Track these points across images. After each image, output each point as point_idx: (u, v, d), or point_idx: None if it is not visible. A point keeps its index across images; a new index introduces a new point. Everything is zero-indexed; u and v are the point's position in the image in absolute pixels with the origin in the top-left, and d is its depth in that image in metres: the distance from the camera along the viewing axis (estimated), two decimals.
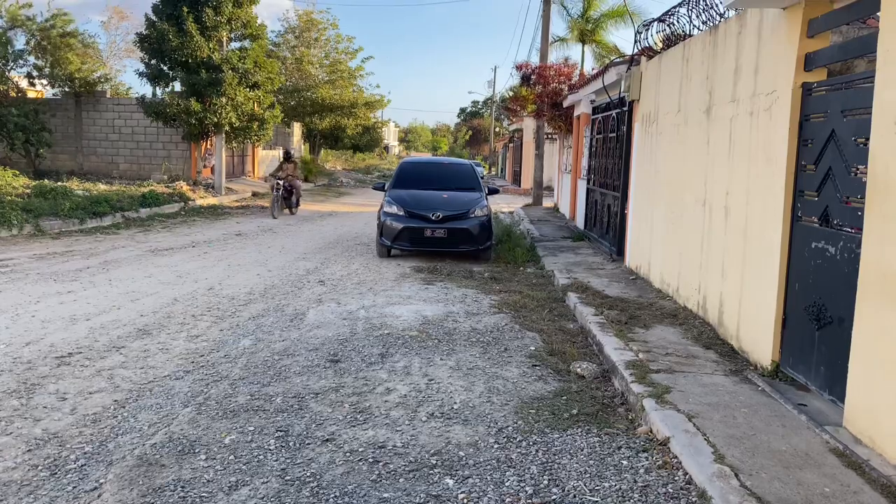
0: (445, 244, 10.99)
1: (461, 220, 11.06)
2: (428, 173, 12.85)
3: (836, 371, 4.49)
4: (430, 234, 10.91)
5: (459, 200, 11.46)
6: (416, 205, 11.19)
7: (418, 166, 13.66)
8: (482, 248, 11.19)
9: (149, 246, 12.06)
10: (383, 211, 11.27)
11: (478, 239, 11.06)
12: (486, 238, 11.19)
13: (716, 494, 3.41)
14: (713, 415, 4.43)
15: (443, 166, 13.98)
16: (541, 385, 5.23)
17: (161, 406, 4.63)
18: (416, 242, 11.02)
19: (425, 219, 10.98)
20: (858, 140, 4.36)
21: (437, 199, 11.44)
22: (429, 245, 11.01)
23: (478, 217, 11.21)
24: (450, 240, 10.95)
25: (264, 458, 3.86)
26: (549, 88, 19.44)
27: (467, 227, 10.99)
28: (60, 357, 5.62)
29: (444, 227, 10.91)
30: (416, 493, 3.51)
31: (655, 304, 7.77)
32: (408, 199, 11.31)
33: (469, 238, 11.01)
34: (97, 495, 3.42)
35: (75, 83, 24.40)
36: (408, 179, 12.31)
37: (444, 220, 10.97)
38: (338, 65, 36.16)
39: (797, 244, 5.10)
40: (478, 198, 11.70)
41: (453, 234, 10.92)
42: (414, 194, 11.58)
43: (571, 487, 3.60)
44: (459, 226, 10.98)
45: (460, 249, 11.08)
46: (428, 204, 11.23)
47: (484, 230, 11.15)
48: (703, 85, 7.24)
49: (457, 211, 11.14)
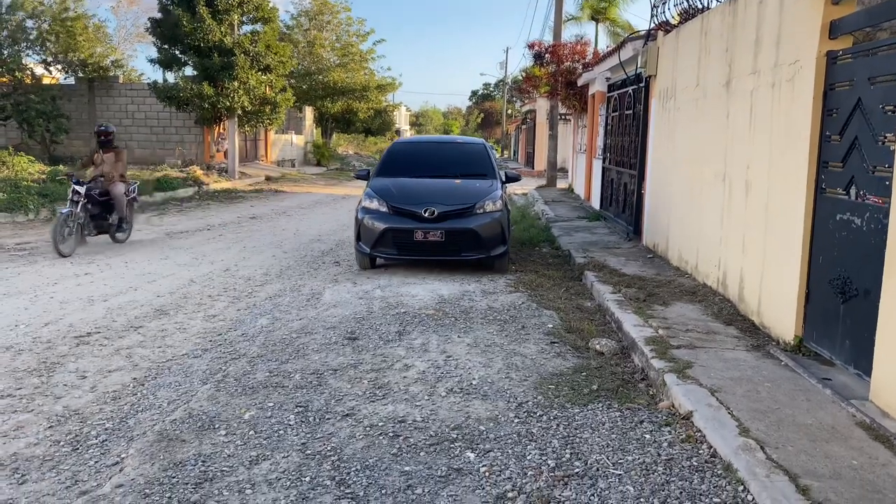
0: (443, 251, 8.26)
1: (464, 218, 8.28)
2: (426, 156, 10.03)
3: (861, 345, 4.41)
4: (422, 238, 8.14)
5: (464, 191, 8.78)
6: (403, 198, 8.47)
7: (414, 147, 10.83)
8: (494, 256, 8.38)
9: (164, 229, 12.10)
10: (361, 206, 8.53)
11: (487, 243, 8.28)
12: (499, 241, 8.39)
13: (742, 467, 3.37)
14: (736, 389, 4.37)
15: (446, 146, 10.90)
16: (560, 361, 5.19)
17: (180, 384, 4.63)
18: (403, 249, 8.28)
19: (415, 216, 8.21)
20: (886, 108, 4.25)
21: (434, 189, 8.75)
22: (420, 252, 8.30)
23: (488, 213, 8.36)
24: (449, 245, 8.22)
25: (284, 433, 3.85)
26: (562, 67, 19.25)
27: (472, 228, 8.20)
28: (79, 336, 5.64)
29: (440, 228, 8.16)
30: (438, 466, 3.48)
31: (674, 281, 7.69)
32: (393, 191, 8.62)
33: (475, 242, 8.26)
34: (119, 469, 3.42)
35: (88, 69, 24.46)
36: (399, 165, 9.56)
37: (441, 219, 8.21)
38: (349, 48, 35.96)
39: (821, 217, 5.01)
40: (489, 187, 8.86)
41: (453, 236, 8.20)
42: (402, 184, 8.90)
43: (594, 461, 3.56)
44: (461, 226, 8.21)
45: (463, 258, 8.34)
46: (420, 196, 8.48)
47: (496, 231, 8.33)
48: (722, 58, 7.10)
49: (458, 205, 8.36)
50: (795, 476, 3.24)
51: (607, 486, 3.30)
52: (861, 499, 3.06)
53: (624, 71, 11.53)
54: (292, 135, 33.37)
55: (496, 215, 8.38)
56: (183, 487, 3.23)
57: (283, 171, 27.96)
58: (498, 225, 8.35)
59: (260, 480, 3.31)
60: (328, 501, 3.13)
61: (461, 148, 10.56)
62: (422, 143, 11.70)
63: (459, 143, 11.01)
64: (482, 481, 3.34)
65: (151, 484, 3.27)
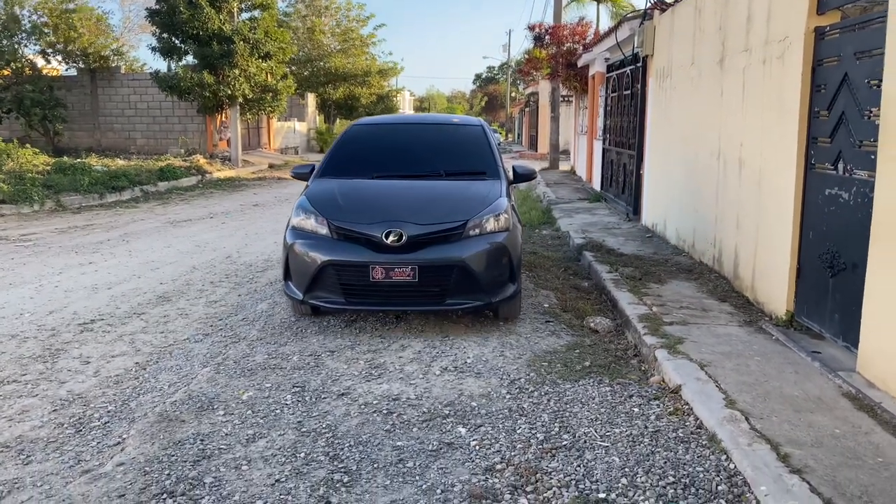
0: (416, 296, 5.27)
1: (449, 245, 5.26)
2: (396, 145, 6.78)
3: (850, 317, 4.47)
4: (382, 277, 5.12)
5: (450, 200, 5.66)
6: (354, 213, 5.48)
7: (379, 131, 7.18)
8: (497, 301, 5.35)
9: (167, 218, 12.20)
10: (291, 226, 5.60)
11: (486, 283, 5.24)
12: (505, 278, 5.40)
13: (725, 437, 3.45)
14: (726, 363, 4.45)
15: (428, 130, 7.33)
16: (553, 340, 5.27)
17: (181, 367, 4.74)
18: (354, 294, 5.28)
19: (372, 243, 5.22)
20: (872, 82, 4.28)
21: (404, 198, 5.78)
22: (381, 299, 5.30)
23: (488, 236, 5.35)
24: (425, 287, 5.21)
25: (281, 412, 3.95)
26: (563, 49, 19.20)
27: (462, 260, 5.17)
28: (83, 324, 5.75)
29: (411, 262, 5.14)
30: (429, 441, 3.58)
31: (671, 260, 7.74)
32: (340, 202, 5.63)
33: (467, 282, 5.21)
34: (120, 449, 3.53)
35: (89, 59, 24.50)
36: (354, 158, 6.48)
37: (413, 247, 5.20)
38: (350, 33, 35.88)
39: (811, 192, 5.05)
40: (490, 192, 5.74)
41: (432, 274, 5.19)
42: (355, 190, 5.90)
43: (582, 434, 3.65)
44: (445, 257, 5.20)
45: (447, 306, 5.28)
46: (381, 210, 5.49)
47: (500, 263, 5.35)
48: (715, 35, 7.11)
49: (440, 224, 5.32)
50: (777, 444, 3.32)
51: (594, 457, 3.39)
52: (841, 465, 3.13)
53: (621, 51, 11.52)
54: (295, 122, 33.38)
55: (500, 239, 5.34)
56: (181, 465, 3.34)
57: (286, 158, 28.01)
58: (502, 254, 5.32)
59: (256, 457, 3.42)
60: (321, 475, 3.23)
61: (449, 132, 7.08)
62: (391, 124, 7.69)
63: (447, 124, 7.50)
64: (472, 454, 3.43)
65: (151, 462, 3.37)
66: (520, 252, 5.64)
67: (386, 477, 3.23)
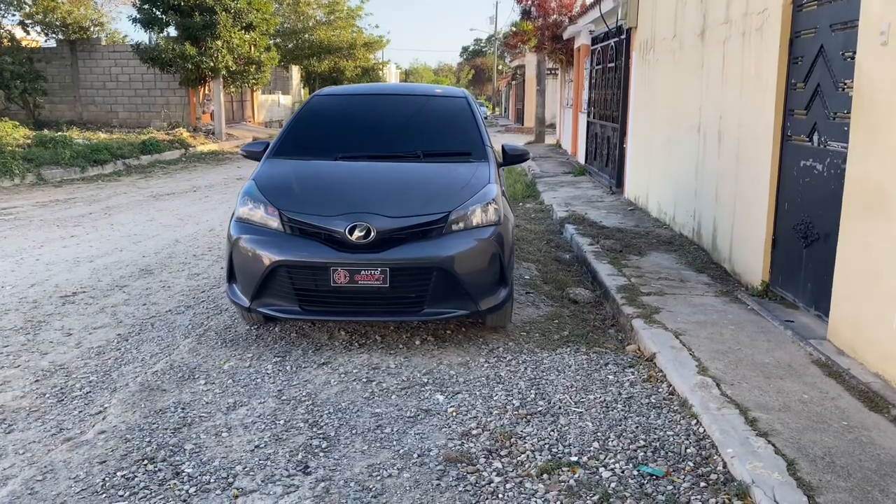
0: (387, 305, 4.44)
1: (427, 243, 4.44)
2: (365, 120, 5.77)
3: (822, 287, 4.56)
4: (345, 282, 4.29)
5: (428, 187, 4.82)
6: (311, 201, 4.63)
7: (345, 103, 6.17)
8: (485, 310, 4.50)
9: (150, 191, 12.13)
10: (235, 218, 4.73)
11: (472, 286, 4.41)
12: (495, 281, 4.53)
13: (696, 402, 3.53)
14: (700, 332, 4.53)
15: (403, 103, 6.17)
16: (533, 310, 5.33)
17: (163, 338, 4.76)
18: (311, 301, 4.44)
19: (333, 240, 4.38)
20: (846, 54, 4.33)
21: (373, 184, 4.89)
22: (344, 307, 4.46)
23: (474, 231, 4.53)
24: (398, 294, 4.38)
25: (261, 381, 4.00)
26: (549, 21, 19.08)
27: (443, 260, 4.35)
28: (65, 296, 5.75)
29: (380, 263, 4.30)
30: (408, 407, 3.65)
31: (652, 232, 7.82)
32: (295, 188, 4.78)
33: (449, 287, 4.39)
34: (102, 418, 3.57)
35: (69, 30, 24.09)
36: (315, 135, 5.59)
37: (382, 244, 4.36)
38: (335, 5, 35.44)
39: (787, 164, 5.11)
40: (476, 177, 4.89)
41: (406, 279, 4.38)
42: (313, 173, 5.06)
43: (557, 400, 3.73)
44: (422, 257, 4.37)
45: (425, 316, 4.43)
46: (344, 199, 4.61)
47: (488, 263, 4.51)
48: (697, 7, 7.12)
49: (416, 217, 4.48)
50: (746, 409, 3.41)
51: (567, 422, 3.47)
52: (806, 429, 3.23)
53: (605, 23, 11.49)
54: (279, 95, 33.05)
55: (489, 234, 4.54)
56: (162, 432, 3.39)
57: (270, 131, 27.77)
58: (491, 252, 4.52)
59: (236, 424, 3.47)
60: (300, 441, 3.29)
61: (428, 105, 5.99)
62: (360, 95, 6.55)
63: (425, 95, 6.25)
64: (449, 420, 3.50)
65: (132, 430, 3.42)
66: (512, 248, 4.74)
67: (364, 442, 3.29)
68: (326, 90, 6.42)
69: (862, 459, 2.97)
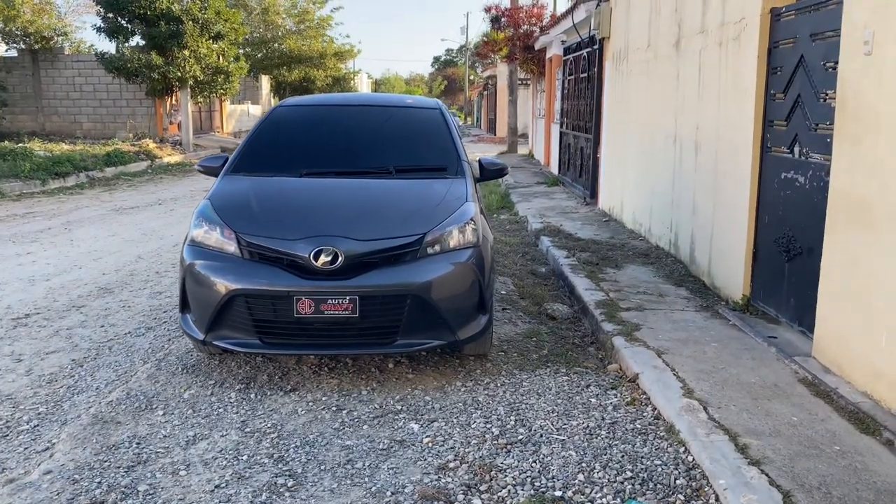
0: (356, 336, 4.04)
1: (400, 268, 4.03)
2: (332, 133, 5.33)
3: (805, 302, 4.45)
4: (310, 312, 3.86)
5: (399, 206, 4.43)
6: (272, 222, 4.25)
7: (310, 114, 5.71)
8: (463, 340, 4.12)
9: (113, 205, 11.75)
10: (189, 241, 4.37)
11: (449, 315, 4.02)
12: (473, 308, 4.17)
13: (683, 428, 3.37)
14: (683, 350, 4.39)
15: (371, 113, 5.70)
16: (510, 328, 5.15)
17: (120, 364, 4.49)
18: (272, 333, 4.01)
19: (295, 265, 3.95)
20: (828, 64, 4.23)
21: (340, 203, 4.49)
22: (308, 340, 4.06)
23: (450, 254, 4.14)
24: (367, 325, 3.97)
25: (224, 411, 3.76)
26: (520, 31, 19.07)
27: (417, 287, 3.96)
28: (17, 318, 5.44)
29: (348, 291, 3.88)
30: (380, 438, 3.43)
31: (628, 244, 7.71)
32: (253, 207, 4.40)
33: (422, 316, 4.00)
34: (49, 455, 3.30)
35: (31, 39, 23.50)
36: (277, 149, 5.18)
37: (350, 270, 3.93)
38: (305, 15, 35.15)
39: (767, 176, 5.01)
40: (451, 194, 4.53)
41: (375, 307, 3.95)
42: (272, 190, 4.67)
43: (538, 427, 3.54)
44: (394, 284, 3.97)
45: (399, 349, 4.04)
46: (308, 219, 4.25)
47: (466, 289, 4.14)
48: (672, 17, 7.04)
49: (386, 240, 4.06)
50: (735, 435, 3.26)
51: (550, 452, 3.28)
52: (799, 455, 3.08)
53: (578, 34, 11.42)
54: (249, 105, 32.61)
55: (466, 256, 4.16)
56: (114, 471, 3.13)
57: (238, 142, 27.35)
58: (470, 277, 4.15)
59: (196, 461, 3.22)
60: (264, 479, 3.05)
61: (400, 116, 5.62)
62: (327, 106, 6.03)
63: (397, 106, 5.90)
64: (424, 452, 3.30)
65: (81, 469, 3.16)
66: (492, 271, 4.39)
67: (333, 479, 3.07)
68: (290, 100, 5.95)
69: (859, 489, 2.83)
